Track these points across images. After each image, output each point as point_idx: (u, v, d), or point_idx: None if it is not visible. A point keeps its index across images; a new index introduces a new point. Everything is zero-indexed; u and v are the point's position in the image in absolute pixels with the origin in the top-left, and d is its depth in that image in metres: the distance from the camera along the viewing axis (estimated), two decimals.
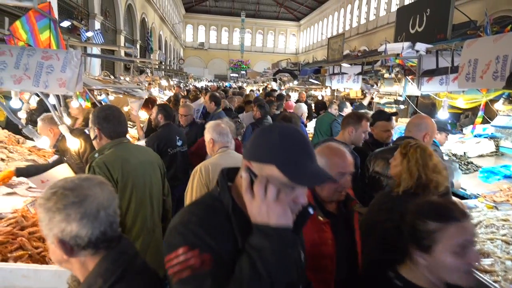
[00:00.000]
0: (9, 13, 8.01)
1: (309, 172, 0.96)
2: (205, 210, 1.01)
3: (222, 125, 2.71)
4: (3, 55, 2.37)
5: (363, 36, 25.06)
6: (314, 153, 1.02)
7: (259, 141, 1.01)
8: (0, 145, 3.57)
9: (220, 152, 2.65)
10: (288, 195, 0.95)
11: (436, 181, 1.93)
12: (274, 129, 1.01)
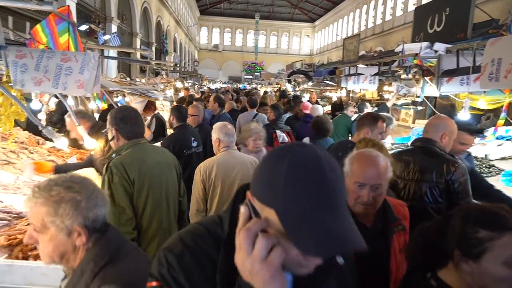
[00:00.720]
0: (29, 17, 8.24)
1: (321, 232, 0.67)
2: (193, 239, 0.84)
3: (229, 126, 2.90)
4: (24, 57, 2.43)
5: (379, 37, 24.73)
6: (340, 202, 0.72)
7: (263, 170, 0.76)
8: (21, 146, 3.65)
9: (223, 151, 2.81)
10: (290, 250, 0.70)
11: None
12: (284, 156, 0.73)
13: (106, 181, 2.03)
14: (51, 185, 1.14)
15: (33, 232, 1.15)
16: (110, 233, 1.23)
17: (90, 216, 1.15)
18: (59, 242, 1.13)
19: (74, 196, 1.13)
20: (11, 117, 2.55)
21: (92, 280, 1.12)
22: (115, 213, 1.98)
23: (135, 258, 1.24)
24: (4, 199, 2.55)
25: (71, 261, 1.18)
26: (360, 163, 1.61)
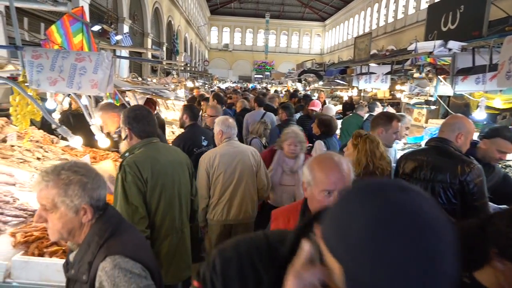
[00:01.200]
0: (44, 18, 8.38)
1: None
2: (249, 249, 0.79)
3: (230, 120, 3.23)
4: (40, 58, 2.47)
5: (391, 35, 24.44)
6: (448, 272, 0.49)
7: (338, 209, 0.60)
8: (37, 145, 3.72)
9: (225, 142, 3.14)
10: None
11: (382, 168, 2.29)
12: (373, 200, 0.53)
13: (119, 179, 2.05)
14: (58, 170, 1.29)
15: (42, 212, 1.28)
16: (110, 211, 1.39)
17: (94, 195, 1.30)
18: (68, 220, 1.27)
19: (81, 178, 1.28)
20: (27, 116, 2.59)
21: (98, 251, 1.27)
22: (128, 211, 2.00)
23: (133, 233, 1.44)
24: (20, 197, 2.60)
25: (77, 236, 1.32)
26: (323, 169, 1.46)
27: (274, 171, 3.40)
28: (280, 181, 3.36)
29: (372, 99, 9.09)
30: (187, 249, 2.33)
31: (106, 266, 1.23)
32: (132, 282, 1.21)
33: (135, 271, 1.24)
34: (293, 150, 3.26)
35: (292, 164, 3.35)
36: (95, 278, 1.23)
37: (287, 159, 3.35)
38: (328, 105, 6.38)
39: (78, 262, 1.30)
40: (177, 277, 2.27)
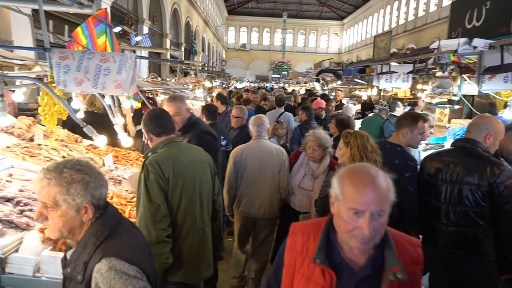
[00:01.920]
0: (68, 21, 8.62)
1: None
2: None
3: (261, 119, 3.46)
4: (66, 59, 2.53)
5: (411, 34, 23.93)
6: None
7: None
8: (62, 144, 3.82)
9: (254, 139, 3.42)
10: None
11: (375, 160, 2.41)
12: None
13: (142, 178, 2.09)
14: (61, 168, 1.28)
15: (43, 209, 1.28)
16: (109, 211, 1.38)
17: (96, 194, 1.30)
18: (69, 218, 1.27)
19: (84, 177, 1.28)
20: (54, 116, 2.66)
21: (94, 251, 1.27)
22: (150, 209, 2.03)
23: (132, 233, 1.43)
24: None
25: (76, 234, 1.33)
26: (355, 183, 1.21)
27: (295, 173, 3.33)
28: (300, 184, 3.27)
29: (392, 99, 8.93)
30: (209, 249, 2.33)
31: (102, 268, 1.23)
32: (128, 284, 1.21)
33: (131, 273, 1.24)
34: (311, 154, 3.18)
35: (315, 168, 3.24)
36: (91, 279, 1.24)
37: (311, 163, 3.26)
38: (348, 105, 6.31)
39: (74, 261, 1.30)
40: (198, 276, 2.28)
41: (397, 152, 2.73)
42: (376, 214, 1.17)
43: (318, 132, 3.24)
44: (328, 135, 4.16)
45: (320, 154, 3.17)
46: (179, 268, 2.17)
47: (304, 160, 3.29)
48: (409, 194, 2.59)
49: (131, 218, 2.63)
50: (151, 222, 2.01)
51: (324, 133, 3.24)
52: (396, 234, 1.33)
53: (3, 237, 2.06)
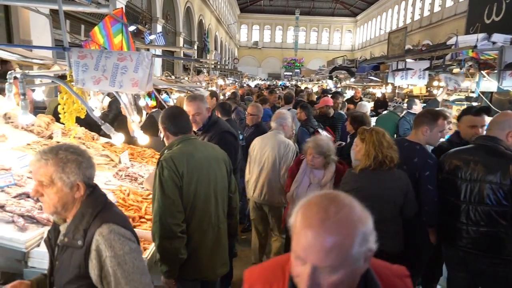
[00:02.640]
0: (84, 20, 8.76)
1: None
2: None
3: (281, 114, 3.80)
4: (85, 58, 2.57)
5: (426, 30, 23.49)
6: None
7: None
8: (79, 141, 3.89)
9: (270, 132, 3.75)
10: None
11: (391, 156, 2.45)
12: None
13: (157, 174, 2.11)
14: (56, 150, 1.42)
15: (39, 187, 1.42)
16: (98, 190, 1.56)
17: (87, 174, 1.46)
18: (64, 194, 1.42)
19: (77, 158, 1.43)
20: (73, 114, 2.72)
21: (93, 220, 1.44)
22: (166, 204, 2.05)
23: (117, 209, 1.65)
24: None
25: (69, 210, 1.47)
26: (303, 219, 0.88)
27: (300, 182, 3.11)
28: (307, 193, 2.85)
29: (407, 96, 8.79)
30: (224, 246, 2.34)
31: (103, 231, 1.40)
32: (126, 245, 1.41)
33: (127, 236, 1.44)
34: (311, 161, 3.00)
35: (320, 176, 3.04)
36: (91, 243, 1.40)
37: (315, 171, 3.06)
38: (362, 102, 6.24)
39: (73, 230, 1.44)
40: (214, 273, 2.29)
41: (416, 150, 2.68)
42: (326, 269, 0.84)
43: (319, 139, 3.06)
44: (345, 133, 4.14)
45: (321, 162, 2.98)
46: (194, 265, 2.18)
47: (307, 167, 3.10)
48: (429, 193, 2.54)
49: (147, 214, 2.67)
50: (166, 218, 2.04)
51: (327, 139, 3.06)
52: (380, 268, 1.05)
53: (25, 232, 2.11)
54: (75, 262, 1.42)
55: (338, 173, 2.96)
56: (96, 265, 1.39)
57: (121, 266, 1.37)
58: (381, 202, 2.34)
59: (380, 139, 2.46)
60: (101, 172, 3.38)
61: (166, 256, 2.08)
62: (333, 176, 3.01)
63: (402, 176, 2.48)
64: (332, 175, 3.01)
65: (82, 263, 1.40)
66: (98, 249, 1.38)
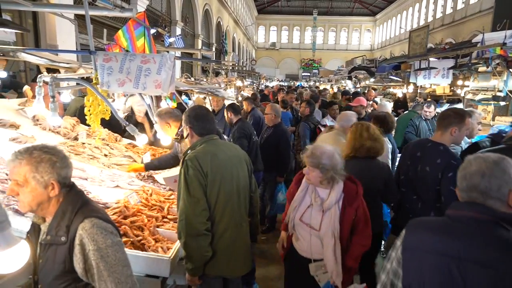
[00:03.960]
0: (107, 25, 8.98)
1: None
2: None
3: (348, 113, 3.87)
4: (110, 61, 2.64)
5: (449, 28, 22.88)
6: None
7: None
8: (103, 142, 4.00)
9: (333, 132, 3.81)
10: None
11: (372, 146, 2.71)
12: None
13: (182, 173, 2.14)
14: (31, 150, 1.45)
15: (14, 186, 1.44)
16: (76, 188, 1.60)
17: (62, 173, 1.48)
18: (38, 193, 1.45)
19: (51, 157, 1.45)
20: (98, 115, 2.79)
21: (75, 216, 1.48)
22: (190, 203, 2.08)
23: (97, 204, 1.68)
24: (91, 190, 2.80)
25: (44, 209, 1.50)
26: None
27: (299, 204, 2.42)
28: (303, 217, 2.37)
29: (429, 96, 8.58)
30: (246, 244, 2.35)
31: (86, 226, 1.45)
32: (108, 238, 1.45)
33: (109, 230, 1.49)
34: (307, 175, 2.33)
35: (324, 196, 2.32)
36: (75, 238, 1.45)
37: (319, 189, 2.35)
38: (382, 102, 6.14)
39: (55, 228, 1.49)
40: (236, 271, 2.30)
41: (439, 151, 2.61)
42: None
43: (317, 147, 2.35)
44: None
45: (317, 177, 2.28)
46: (217, 262, 2.21)
47: (309, 184, 2.40)
48: (452, 195, 2.47)
49: (170, 214, 2.71)
50: (191, 216, 2.07)
51: (331, 148, 2.31)
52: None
53: None
54: (60, 258, 1.46)
55: (348, 194, 2.30)
56: (81, 259, 1.44)
57: (104, 258, 1.42)
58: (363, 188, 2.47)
59: (362, 131, 2.78)
60: (124, 172, 3.46)
61: (191, 253, 2.11)
62: (341, 197, 2.29)
63: (385, 166, 2.82)
64: (338, 196, 2.28)
65: (67, 258, 1.46)
66: (81, 243, 1.44)
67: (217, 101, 5.53)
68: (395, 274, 1.40)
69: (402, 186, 2.89)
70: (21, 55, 3.40)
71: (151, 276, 2.12)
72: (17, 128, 3.53)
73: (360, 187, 2.36)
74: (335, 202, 2.28)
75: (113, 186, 3.02)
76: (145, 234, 2.38)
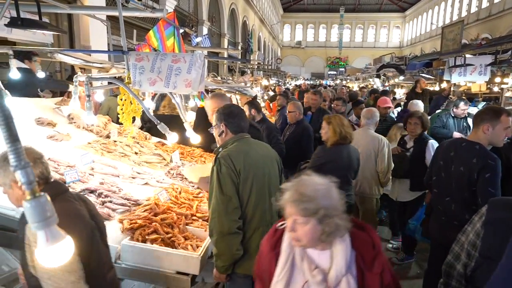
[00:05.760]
0: (136, 25, 9.22)
1: None
2: None
3: (373, 109, 4.18)
4: (142, 60, 2.69)
5: (485, 22, 21.83)
6: None
7: None
8: (134, 140, 4.09)
9: (361, 129, 4.20)
10: None
11: (350, 133, 3.36)
12: None
13: (215, 171, 2.15)
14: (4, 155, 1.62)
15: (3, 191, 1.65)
16: (56, 181, 1.74)
17: (36, 171, 1.58)
18: (11, 193, 1.64)
19: (4, 164, 1.60)
20: (130, 114, 2.85)
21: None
22: (223, 201, 2.09)
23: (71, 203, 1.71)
24: (123, 187, 2.87)
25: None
26: None
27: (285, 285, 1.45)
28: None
29: (464, 94, 8.22)
30: None
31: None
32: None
33: None
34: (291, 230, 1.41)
35: (324, 263, 1.42)
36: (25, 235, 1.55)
37: (311, 253, 1.45)
38: (414, 101, 5.92)
39: (19, 224, 1.62)
40: None
41: (475, 150, 2.49)
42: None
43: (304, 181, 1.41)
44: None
45: (317, 232, 1.36)
46: (247, 261, 2.20)
47: (293, 248, 1.47)
48: (490, 196, 2.34)
49: (198, 212, 2.72)
50: (223, 214, 2.07)
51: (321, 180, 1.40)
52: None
53: None
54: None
55: (362, 250, 1.42)
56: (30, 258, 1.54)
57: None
58: (346, 169, 3.36)
59: (342, 121, 3.39)
60: (153, 170, 3.52)
61: (222, 252, 2.12)
62: (352, 258, 1.41)
63: (355, 148, 3.49)
64: (348, 258, 1.39)
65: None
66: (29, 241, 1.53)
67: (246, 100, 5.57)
68: (473, 245, 1.53)
69: (434, 187, 2.78)
70: (58, 56, 3.54)
71: (181, 273, 2.14)
72: (53, 126, 3.67)
73: (374, 234, 1.48)
74: (345, 270, 1.37)
75: (143, 183, 3.08)
76: (175, 232, 2.40)
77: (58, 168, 2.83)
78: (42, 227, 0.72)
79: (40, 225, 0.72)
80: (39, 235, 0.73)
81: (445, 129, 4.87)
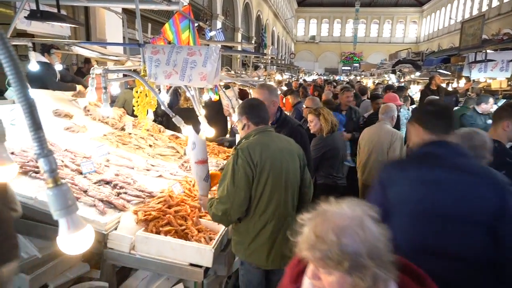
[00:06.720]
0: (151, 19, 9.27)
1: None
2: None
3: (388, 107, 4.21)
4: (158, 53, 2.69)
5: (507, 17, 21.18)
6: None
7: None
8: (148, 133, 4.13)
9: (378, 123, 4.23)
10: None
11: (336, 124, 3.81)
12: None
13: (231, 161, 2.16)
14: None
15: None
16: None
17: None
18: None
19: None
20: (146, 107, 2.87)
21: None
22: (232, 192, 2.11)
23: None
24: (137, 179, 2.90)
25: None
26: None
27: None
28: None
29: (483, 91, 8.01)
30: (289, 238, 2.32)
31: None
32: None
33: None
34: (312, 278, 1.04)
35: None
36: None
37: None
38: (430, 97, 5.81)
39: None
40: (278, 263, 2.28)
41: (493, 148, 2.42)
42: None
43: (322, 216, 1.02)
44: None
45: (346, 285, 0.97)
46: (257, 253, 2.21)
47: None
48: None
49: None
50: (228, 204, 2.11)
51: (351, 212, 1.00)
52: None
53: (104, 215, 2.28)
54: None
55: None
56: None
57: None
58: (342, 154, 3.87)
59: (328, 111, 3.80)
60: (167, 163, 3.55)
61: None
62: None
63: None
64: None
65: None
66: None
67: None
68: None
69: None
70: (75, 49, 3.58)
71: (194, 265, 2.16)
72: (70, 118, 3.72)
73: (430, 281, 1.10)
74: None
75: (157, 176, 3.10)
76: (189, 224, 2.42)
77: (74, 159, 2.87)
78: (63, 215, 0.72)
79: (62, 212, 0.72)
80: (61, 223, 0.73)
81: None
